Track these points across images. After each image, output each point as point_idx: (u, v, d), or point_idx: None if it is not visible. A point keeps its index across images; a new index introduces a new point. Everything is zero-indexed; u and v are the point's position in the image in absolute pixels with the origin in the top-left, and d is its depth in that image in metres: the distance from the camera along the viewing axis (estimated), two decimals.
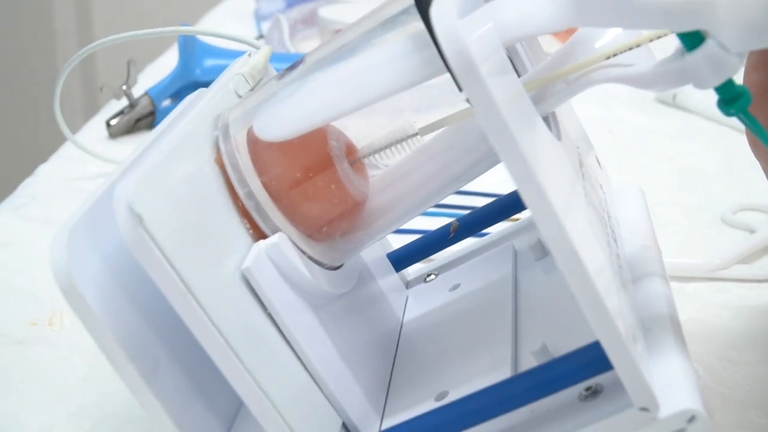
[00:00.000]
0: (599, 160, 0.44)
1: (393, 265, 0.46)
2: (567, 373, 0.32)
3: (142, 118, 0.80)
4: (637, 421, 0.30)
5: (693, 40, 0.30)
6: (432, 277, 0.47)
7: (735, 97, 0.31)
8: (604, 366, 0.31)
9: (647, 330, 0.34)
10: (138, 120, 0.80)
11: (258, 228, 0.35)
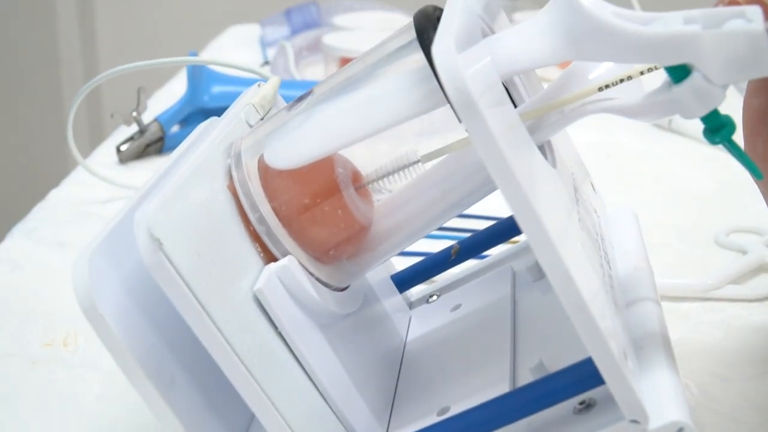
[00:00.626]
0: (594, 185, 0.45)
1: (396, 286, 0.47)
2: (562, 387, 0.33)
3: (152, 144, 0.82)
4: None
5: (680, 73, 0.32)
6: (434, 297, 0.48)
7: (720, 127, 0.33)
8: (597, 381, 0.32)
9: (639, 347, 0.36)
10: (147, 145, 0.82)
11: (269, 251, 0.37)
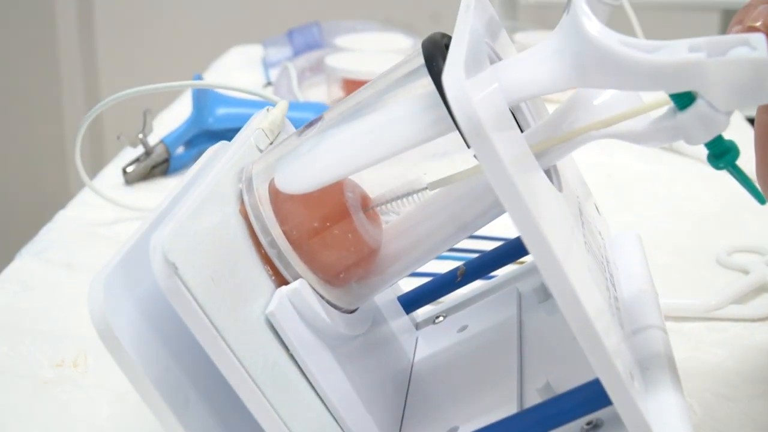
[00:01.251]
0: (598, 208, 0.46)
1: (403, 307, 0.48)
2: (569, 408, 0.34)
3: (157, 165, 0.83)
4: None
5: (684, 100, 0.32)
6: (440, 318, 0.49)
7: (724, 152, 0.34)
8: (604, 402, 0.33)
9: (645, 369, 0.36)
10: (153, 167, 0.82)
11: (280, 274, 0.37)
